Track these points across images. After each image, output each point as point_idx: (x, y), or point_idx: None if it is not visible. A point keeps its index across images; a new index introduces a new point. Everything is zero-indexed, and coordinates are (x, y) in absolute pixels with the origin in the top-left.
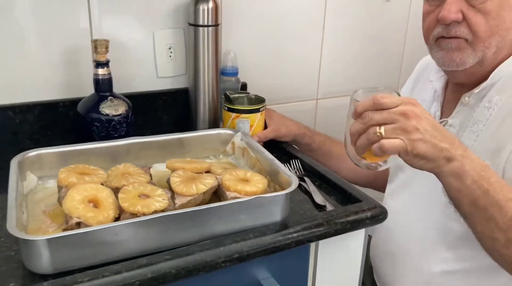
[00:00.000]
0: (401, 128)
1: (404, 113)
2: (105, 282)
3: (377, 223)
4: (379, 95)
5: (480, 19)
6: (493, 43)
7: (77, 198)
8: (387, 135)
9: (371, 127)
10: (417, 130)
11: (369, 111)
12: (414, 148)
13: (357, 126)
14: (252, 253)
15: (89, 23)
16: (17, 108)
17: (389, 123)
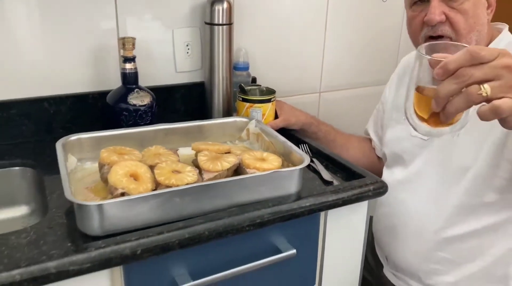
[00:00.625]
0: (508, 84)
1: (509, 66)
2: (150, 241)
3: (379, 195)
4: (476, 47)
5: (460, 18)
6: (473, 37)
7: (120, 173)
8: (494, 94)
9: (472, 86)
10: None
11: (466, 68)
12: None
13: (450, 86)
14: (272, 219)
15: (116, 24)
16: (51, 100)
17: (493, 79)
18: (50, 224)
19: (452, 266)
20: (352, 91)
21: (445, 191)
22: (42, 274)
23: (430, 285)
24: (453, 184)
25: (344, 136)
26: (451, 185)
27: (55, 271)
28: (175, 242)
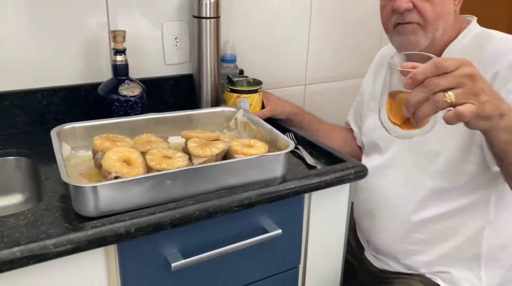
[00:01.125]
0: (470, 91)
1: (471, 75)
2: (143, 221)
3: (359, 178)
4: (441, 59)
5: (427, 6)
6: (440, 25)
7: (114, 158)
8: (457, 100)
9: (437, 94)
10: (483, 92)
11: (433, 77)
12: (483, 110)
13: (419, 94)
14: (259, 200)
15: (106, 17)
16: (44, 91)
17: (456, 87)
18: (47, 207)
19: (427, 246)
20: (336, 83)
21: (419, 175)
22: (41, 252)
23: (408, 265)
24: (426, 168)
25: (327, 125)
26: (424, 170)
27: (53, 248)
28: (167, 222)
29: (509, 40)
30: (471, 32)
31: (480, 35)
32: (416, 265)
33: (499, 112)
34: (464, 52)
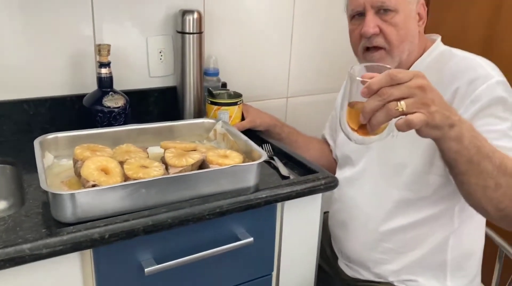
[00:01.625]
0: (420, 101)
1: (421, 86)
2: (117, 227)
3: (330, 189)
4: (395, 70)
5: (392, 30)
6: (405, 47)
7: (92, 167)
8: (408, 109)
9: (390, 103)
10: (433, 102)
11: (386, 87)
12: (433, 120)
13: (374, 103)
14: (231, 209)
15: (92, 31)
16: (31, 102)
17: (408, 97)
18: (27, 213)
19: (395, 255)
20: (317, 97)
21: (386, 186)
22: (18, 255)
23: (378, 274)
24: (393, 180)
25: (305, 138)
26: (391, 181)
27: (29, 252)
28: (140, 229)
29: (469, 59)
30: (435, 51)
31: (443, 53)
32: (385, 274)
33: (449, 122)
34: (428, 70)
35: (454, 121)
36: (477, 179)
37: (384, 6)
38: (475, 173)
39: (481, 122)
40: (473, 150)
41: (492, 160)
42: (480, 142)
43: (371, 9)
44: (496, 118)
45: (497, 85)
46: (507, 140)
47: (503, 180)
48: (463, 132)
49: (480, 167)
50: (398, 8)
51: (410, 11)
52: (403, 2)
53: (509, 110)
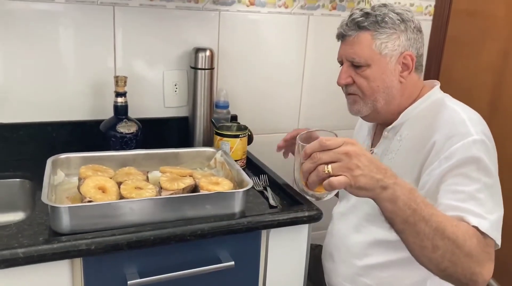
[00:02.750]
0: (345, 166)
1: (347, 152)
2: (103, 240)
3: (313, 221)
4: (324, 138)
5: (363, 81)
6: (378, 97)
7: (91, 185)
8: (334, 172)
9: (320, 166)
10: (358, 167)
11: (317, 152)
12: (356, 182)
13: (308, 165)
14: (211, 232)
15: (114, 63)
16: (54, 125)
17: (335, 161)
18: (30, 222)
19: None
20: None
21: (368, 224)
22: (12, 257)
23: None
24: (374, 219)
25: None
26: (373, 220)
27: (22, 256)
28: (124, 243)
29: (456, 113)
30: (429, 98)
31: (436, 103)
32: None
33: (380, 184)
34: (418, 117)
35: (388, 184)
36: (414, 239)
37: (355, 62)
38: (412, 233)
39: (451, 180)
40: (408, 211)
41: (428, 222)
42: (417, 204)
43: (346, 61)
44: (466, 178)
45: (473, 144)
46: (473, 203)
47: (441, 243)
48: (397, 194)
49: (416, 228)
50: (370, 63)
51: (385, 65)
52: (376, 57)
53: (482, 170)
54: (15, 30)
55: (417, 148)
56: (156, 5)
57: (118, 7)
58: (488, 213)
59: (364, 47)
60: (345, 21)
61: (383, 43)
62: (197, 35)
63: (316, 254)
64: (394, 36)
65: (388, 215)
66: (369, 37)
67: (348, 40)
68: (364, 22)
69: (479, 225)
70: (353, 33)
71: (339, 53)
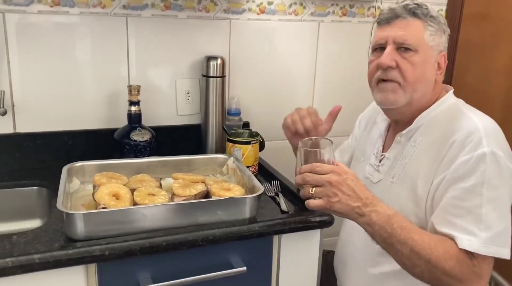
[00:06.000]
0: (325, 192)
1: (329, 181)
2: (117, 246)
3: (325, 226)
4: (316, 164)
5: (409, 67)
6: (418, 87)
7: (105, 192)
8: (316, 194)
9: (307, 186)
10: (336, 195)
11: (308, 173)
12: (331, 207)
13: (299, 180)
14: (223, 238)
15: (127, 73)
16: (70, 134)
17: (320, 185)
18: (46, 229)
19: None
20: (340, 139)
21: None
22: (28, 263)
23: None
24: None
25: None
26: None
27: (38, 261)
28: (137, 249)
29: (470, 120)
30: (445, 103)
31: (450, 108)
32: None
33: (355, 211)
34: (432, 123)
35: (364, 212)
36: (395, 257)
37: (405, 44)
38: (391, 252)
39: (453, 193)
40: (384, 234)
41: (403, 245)
42: (393, 229)
43: (393, 44)
44: (468, 193)
45: (481, 158)
46: (470, 219)
47: (418, 262)
48: (373, 220)
49: (393, 248)
50: (418, 49)
51: (430, 57)
52: (425, 46)
53: (486, 183)
54: (33, 42)
55: (432, 154)
56: (168, 15)
57: (130, 18)
58: (485, 229)
59: (417, 32)
60: (394, 6)
61: (431, 35)
62: (208, 44)
63: (328, 260)
64: (439, 33)
65: (370, 236)
66: (421, 26)
67: (399, 23)
68: (417, 10)
69: (468, 245)
70: (407, 16)
71: (383, 35)
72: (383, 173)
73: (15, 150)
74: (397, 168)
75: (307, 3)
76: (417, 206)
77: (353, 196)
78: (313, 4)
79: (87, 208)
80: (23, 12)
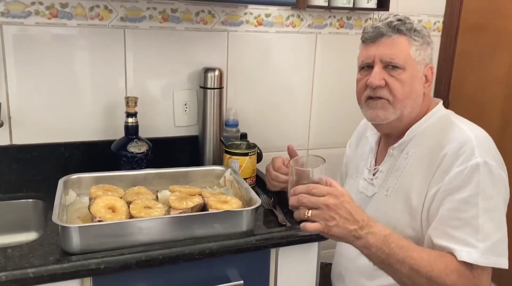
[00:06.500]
0: (322, 215)
1: (327, 204)
2: (112, 259)
3: (322, 239)
4: (312, 185)
5: (398, 85)
6: (408, 103)
7: (101, 205)
8: (313, 217)
9: (302, 208)
10: (333, 219)
11: (304, 194)
12: (329, 231)
13: (293, 203)
14: (220, 251)
15: (125, 84)
16: (67, 145)
17: (316, 208)
18: (41, 242)
19: None
20: (338, 150)
21: None
22: (22, 277)
23: None
24: None
25: None
26: None
27: (32, 275)
28: (133, 262)
29: (462, 131)
30: (436, 114)
31: (441, 120)
32: None
33: (352, 234)
34: (424, 134)
35: (360, 234)
36: (394, 276)
37: (393, 62)
38: (390, 273)
39: (449, 205)
40: (382, 256)
41: (403, 264)
42: (391, 250)
43: (380, 63)
44: (464, 204)
45: (475, 168)
46: (468, 230)
47: (419, 281)
48: (370, 242)
49: (392, 268)
50: (405, 66)
51: (417, 72)
52: (411, 62)
53: (481, 194)
54: (30, 54)
55: (425, 166)
56: (165, 27)
57: (128, 30)
58: (483, 239)
59: (403, 49)
60: (378, 23)
61: (417, 50)
62: (206, 56)
63: (326, 273)
64: (424, 46)
65: (367, 257)
66: (406, 42)
67: (385, 41)
68: (401, 26)
69: (467, 257)
70: (392, 34)
71: (369, 54)
72: (377, 186)
73: (11, 162)
74: (390, 180)
75: (305, 15)
76: (413, 218)
77: (350, 219)
78: (311, 16)
79: (83, 221)
80: (20, 24)
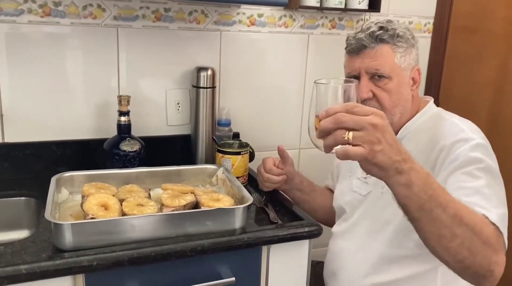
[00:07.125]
0: (368, 137)
1: (374, 124)
2: (105, 257)
3: (313, 237)
4: (353, 104)
5: (385, 95)
6: (397, 111)
7: (93, 202)
8: (354, 141)
9: (340, 130)
10: (380, 142)
11: (343, 113)
12: (373, 157)
13: (326, 125)
14: (212, 248)
15: (117, 83)
16: (59, 144)
17: (358, 129)
18: (34, 240)
19: None
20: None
21: (372, 241)
22: (14, 273)
23: None
24: (378, 235)
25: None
26: (376, 236)
27: (25, 272)
28: (125, 260)
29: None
30: (427, 113)
31: (433, 117)
32: None
33: (395, 166)
34: (417, 131)
35: (403, 168)
36: (431, 227)
37: (379, 73)
38: (428, 221)
39: (455, 178)
40: (424, 197)
41: (446, 209)
42: (434, 191)
43: (366, 75)
44: (470, 176)
45: (476, 146)
46: (479, 196)
47: (459, 230)
48: (412, 180)
49: (432, 215)
50: (391, 75)
51: (404, 78)
52: (397, 69)
53: (484, 170)
54: (23, 52)
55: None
56: (158, 26)
57: (121, 29)
58: (494, 207)
59: (388, 59)
60: (360, 35)
61: (402, 57)
62: (199, 55)
63: (317, 271)
64: (409, 50)
65: (402, 201)
66: (389, 50)
67: (369, 53)
68: (383, 35)
69: (488, 215)
70: (375, 45)
71: (354, 66)
72: (372, 185)
73: (3, 160)
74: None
75: (297, 15)
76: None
77: (395, 148)
78: (303, 17)
79: (76, 218)
80: (13, 22)
